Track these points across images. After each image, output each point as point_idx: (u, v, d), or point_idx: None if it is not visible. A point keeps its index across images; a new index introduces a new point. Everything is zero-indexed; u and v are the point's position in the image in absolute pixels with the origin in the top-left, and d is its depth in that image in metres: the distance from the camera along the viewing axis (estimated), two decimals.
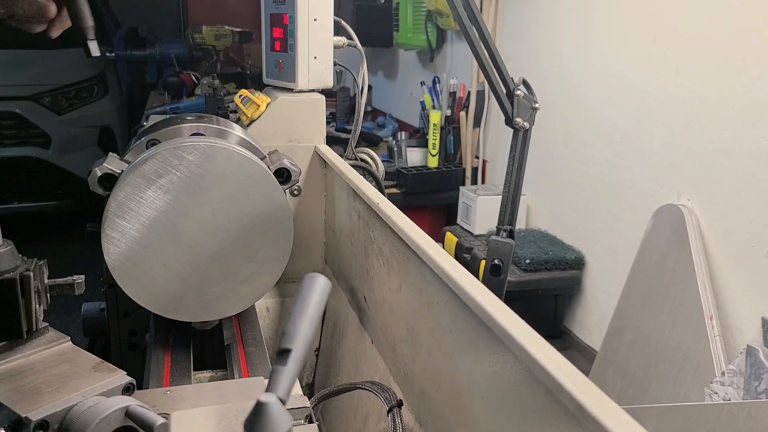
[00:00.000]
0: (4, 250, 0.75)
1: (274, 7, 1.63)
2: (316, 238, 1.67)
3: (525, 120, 1.61)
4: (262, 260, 1.10)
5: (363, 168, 1.70)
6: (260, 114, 1.57)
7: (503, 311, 0.72)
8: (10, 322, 0.74)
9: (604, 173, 2.37)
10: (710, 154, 1.91)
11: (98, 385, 0.70)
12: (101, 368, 0.73)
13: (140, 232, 1.03)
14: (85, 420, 0.65)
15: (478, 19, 1.59)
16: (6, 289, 0.73)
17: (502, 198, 1.66)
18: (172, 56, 4.19)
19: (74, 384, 0.70)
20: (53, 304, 0.88)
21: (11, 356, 0.74)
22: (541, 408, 0.63)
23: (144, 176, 1.02)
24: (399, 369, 1.10)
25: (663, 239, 1.99)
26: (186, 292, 1.07)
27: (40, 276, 0.79)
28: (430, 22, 3.47)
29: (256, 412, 0.50)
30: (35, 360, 0.74)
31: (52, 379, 0.71)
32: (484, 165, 3.25)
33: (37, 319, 0.78)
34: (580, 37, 2.47)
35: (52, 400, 0.67)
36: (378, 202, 1.16)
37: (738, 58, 1.81)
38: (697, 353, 1.77)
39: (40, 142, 4.18)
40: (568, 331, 2.61)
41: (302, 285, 0.62)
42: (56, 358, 0.75)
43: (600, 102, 2.38)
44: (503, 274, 1.62)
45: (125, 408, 0.67)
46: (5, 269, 0.74)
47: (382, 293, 1.19)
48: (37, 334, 0.78)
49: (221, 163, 1.05)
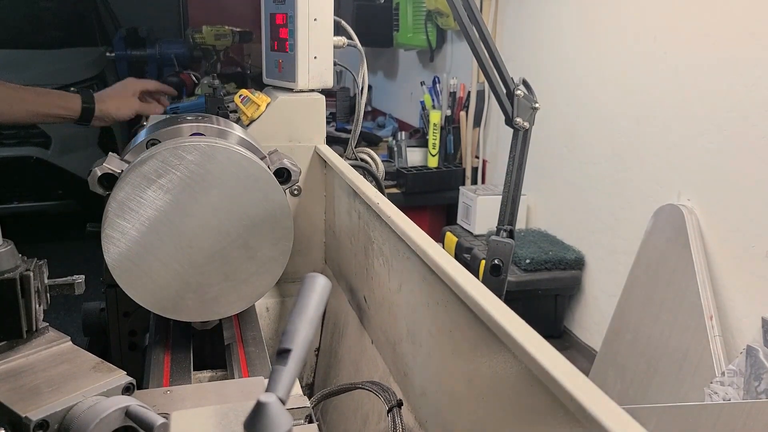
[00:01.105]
0: (4, 250, 0.74)
1: (274, 7, 1.63)
2: (316, 238, 1.67)
3: (525, 120, 1.61)
4: (262, 260, 1.10)
5: (363, 168, 1.70)
6: (260, 114, 1.57)
7: (503, 311, 0.72)
8: (10, 322, 0.73)
9: (604, 173, 2.37)
10: (710, 154, 1.91)
11: (98, 385, 0.70)
12: (101, 368, 0.73)
13: (140, 232, 1.03)
14: (85, 420, 0.65)
15: (478, 19, 1.59)
16: (6, 288, 0.73)
17: (502, 198, 1.66)
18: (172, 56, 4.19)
19: (74, 384, 0.70)
20: (53, 304, 0.88)
21: (11, 356, 0.74)
22: (541, 408, 0.63)
23: (144, 176, 1.02)
24: (399, 369, 1.10)
25: (663, 239, 1.99)
26: (186, 292, 1.07)
27: (40, 276, 0.79)
28: (430, 22, 3.47)
29: (256, 412, 0.50)
30: (35, 360, 0.74)
31: (52, 379, 0.71)
32: (484, 165, 3.25)
33: (37, 319, 0.77)
34: (580, 37, 2.47)
35: (51, 400, 0.67)
36: (378, 202, 1.16)
37: (738, 58, 1.81)
38: (697, 353, 1.77)
39: (40, 141, 4.18)
40: (568, 331, 2.61)
41: (302, 285, 0.62)
42: (56, 358, 0.75)
43: (600, 102, 2.38)
44: (503, 274, 1.62)
45: (125, 408, 0.67)
46: (5, 269, 0.74)
47: (382, 293, 1.19)
48: (37, 334, 0.78)
49: (222, 162, 1.05)
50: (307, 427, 0.85)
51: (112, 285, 1.05)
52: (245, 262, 1.09)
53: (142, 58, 4.52)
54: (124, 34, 4.67)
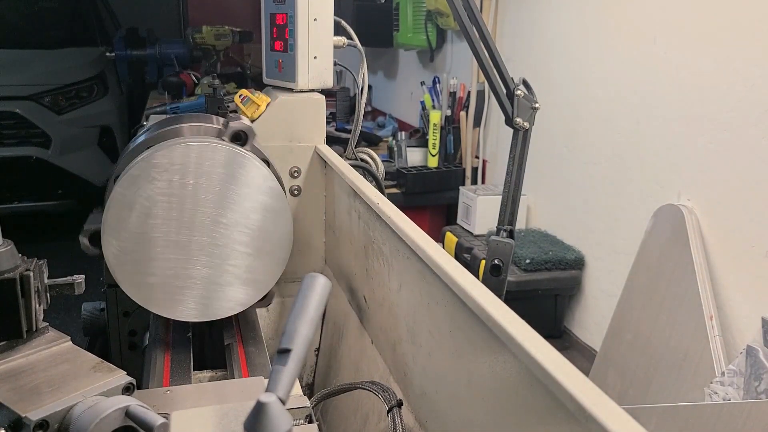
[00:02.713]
0: (4, 249, 0.75)
1: (274, 7, 1.63)
2: (316, 238, 1.67)
3: (525, 120, 1.61)
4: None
5: (363, 168, 1.70)
6: (260, 114, 1.56)
7: (503, 311, 0.72)
8: (10, 322, 0.73)
9: (604, 173, 2.37)
10: (710, 154, 1.91)
11: (98, 385, 0.71)
12: (101, 368, 0.73)
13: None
14: (85, 420, 0.65)
15: (478, 19, 1.59)
16: (6, 288, 0.73)
17: (502, 198, 1.66)
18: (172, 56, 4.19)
19: (74, 384, 0.70)
20: (53, 304, 0.88)
21: (11, 356, 0.74)
22: (541, 408, 0.63)
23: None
24: (399, 369, 1.10)
25: (663, 239, 1.99)
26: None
27: (40, 276, 0.79)
28: (430, 22, 3.47)
29: (256, 412, 0.50)
30: (35, 360, 0.74)
31: (52, 378, 0.71)
32: (484, 165, 3.25)
33: (37, 319, 0.77)
34: (580, 37, 2.47)
35: (52, 399, 0.67)
36: (378, 202, 1.16)
37: (738, 58, 1.81)
38: (697, 353, 1.77)
39: (40, 141, 4.18)
40: (568, 331, 2.61)
41: (302, 285, 0.63)
42: (56, 358, 0.75)
43: (600, 102, 2.38)
44: (503, 274, 1.62)
45: (125, 408, 0.67)
46: (5, 269, 0.74)
47: (382, 293, 1.19)
48: (37, 334, 0.78)
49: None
50: (307, 427, 0.85)
51: (112, 285, 1.05)
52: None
53: (142, 58, 4.52)
54: (124, 34, 4.67)
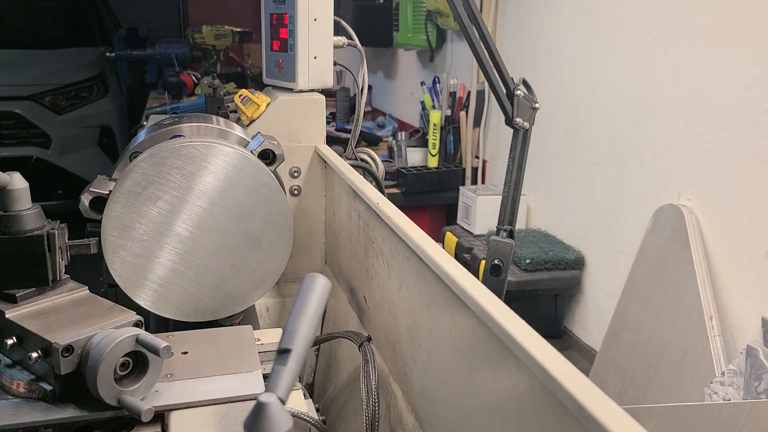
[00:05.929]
0: (32, 212, 0.88)
1: (274, 7, 1.63)
2: (316, 238, 1.67)
3: (525, 120, 1.61)
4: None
5: (363, 168, 1.70)
6: (260, 114, 1.57)
7: (503, 311, 0.72)
8: (39, 272, 0.87)
9: (604, 173, 2.37)
10: (710, 154, 1.91)
11: (113, 321, 0.84)
12: (114, 309, 0.88)
13: (140, 240, 1.04)
14: (103, 345, 0.77)
15: (478, 19, 1.59)
16: (35, 243, 0.86)
17: (502, 198, 1.66)
18: (172, 56, 4.20)
19: (93, 320, 0.83)
20: None
21: (40, 300, 0.88)
22: (541, 408, 0.63)
23: (129, 192, 1.02)
24: (399, 369, 1.10)
25: (663, 239, 1.99)
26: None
27: (63, 236, 0.92)
28: (430, 22, 3.47)
29: (256, 412, 0.50)
30: (59, 303, 0.88)
31: (74, 317, 0.84)
32: (484, 165, 3.25)
33: (60, 271, 0.90)
34: (580, 37, 2.47)
35: (75, 331, 0.80)
36: (378, 202, 1.16)
37: (738, 58, 1.81)
38: (697, 353, 1.77)
39: (40, 142, 4.18)
40: (568, 331, 2.61)
41: (302, 285, 0.63)
42: (77, 302, 0.89)
43: (600, 102, 2.38)
44: (503, 274, 1.62)
45: (135, 335, 0.78)
46: (34, 227, 0.87)
47: (382, 293, 1.19)
48: (60, 284, 0.91)
49: (201, 159, 1.05)
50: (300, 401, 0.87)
51: (112, 285, 1.06)
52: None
53: (142, 58, 4.52)
54: (124, 34, 4.67)
